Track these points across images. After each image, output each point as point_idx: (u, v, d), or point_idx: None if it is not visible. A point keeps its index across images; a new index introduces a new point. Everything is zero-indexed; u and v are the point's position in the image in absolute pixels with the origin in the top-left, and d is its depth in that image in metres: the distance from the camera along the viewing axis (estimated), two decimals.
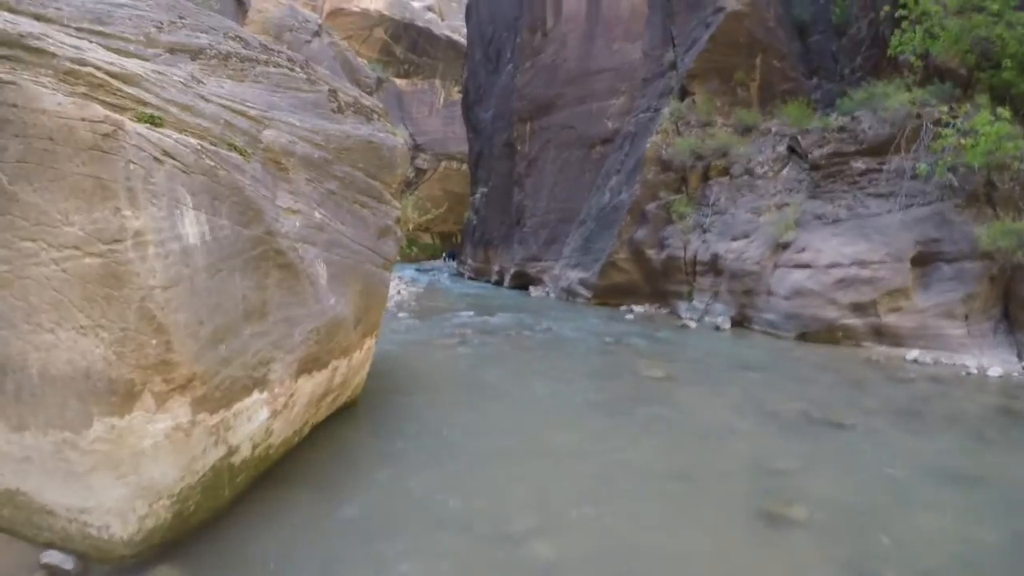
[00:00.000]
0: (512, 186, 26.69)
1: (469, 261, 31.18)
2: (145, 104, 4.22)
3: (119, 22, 5.22)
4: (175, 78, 4.78)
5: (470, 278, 29.72)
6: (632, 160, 18.87)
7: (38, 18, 4.62)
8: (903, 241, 11.60)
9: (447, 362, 9.23)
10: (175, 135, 4.15)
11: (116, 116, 3.70)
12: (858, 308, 11.60)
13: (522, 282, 23.46)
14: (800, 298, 12.32)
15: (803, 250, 12.77)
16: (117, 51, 4.88)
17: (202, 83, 5.15)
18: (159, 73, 4.68)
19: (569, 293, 19.45)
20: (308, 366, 4.80)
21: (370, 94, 49.41)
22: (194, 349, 3.74)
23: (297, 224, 4.88)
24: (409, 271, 36.33)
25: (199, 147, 4.21)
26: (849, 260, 11.90)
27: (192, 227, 3.91)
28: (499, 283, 25.64)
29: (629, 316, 15.41)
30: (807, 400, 7.55)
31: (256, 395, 4.30)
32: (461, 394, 7.61)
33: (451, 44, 51.83)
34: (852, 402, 7.55)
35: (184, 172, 3.98)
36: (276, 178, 5.04)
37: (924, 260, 11.43)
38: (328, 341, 5.01)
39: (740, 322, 13.79)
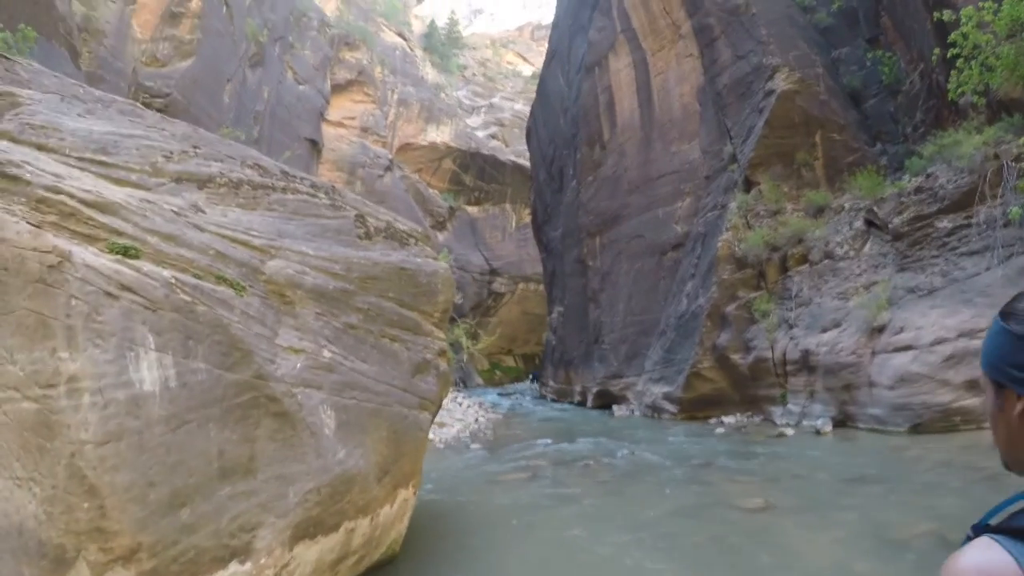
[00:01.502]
0: (587, 303, 26.14)
1: (551, 382, 30.26)
2: (120, 234, 3.86)
3: (124, 152, 5.06)
4: (166, 207, 4.48)
5: (553, 400, 28.67)
6: (705, 262, 18.00)
7: (40, 148, 4.48)
8: (1010, 298, 10.05)
9: (511, 503, 8.08)
10: (147, 267, 3.73)
11: (65, 246, 3.30)
12: (974, 386, 10.09)
13: (605, 401, 22.24)
14: (907, 385, 10.85)
15: (901, 330, 11.44)
16: (117, 181, 4.67)
17: (202, 212, 4.84)
18: (147, 202, 4.38)
19: (654, 409, 18.11)
20: (309, 531, 4.04)
21: (443, 223, 51.29)
22: (139, 515, 3.09)
23: (299, 365, 4.31)
24: (492, 396, 35.59)
25: (172, 280, 3.76)
26: (955, 332, 10.52)
27: (150, 372, 3.37)
28: (582, 403, 24.49)
29: (719, 430, 13.94)
30: (938, 516, 6.05)
31: (235, 567, 3.55)
32: (521, 544, 6.48)
33: (517, 168, 53.61)
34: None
35: (148, 308, 3.51)
36: (279, 313, 4.55)
37: None
38: (336, 501, 4.26)
39: (842, 422, 12.19)
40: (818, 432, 11.89)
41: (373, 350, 5.12)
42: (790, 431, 12.29)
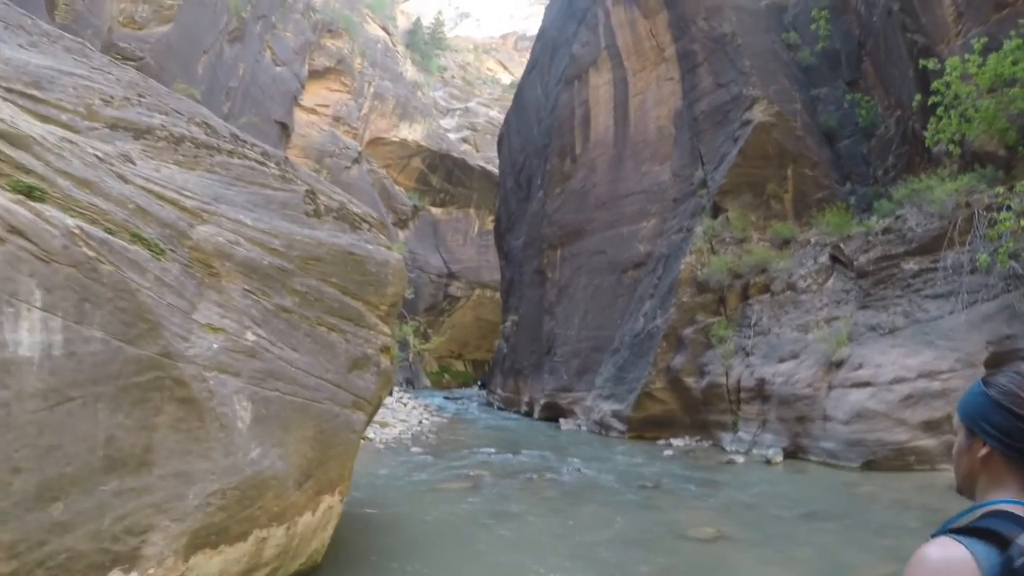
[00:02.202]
0: (543, 314, 25.81)
1: (499, 391, 29.82)
2: (28, 172, 3.29)
3: (59, 89, 4.49)
4: (89, 150, 3.90)
5: (499, 408, 28.25)
6: (666, 283, 17.83)
7: None
8: (972, 343, 10.25)
9: (448, 516, 7.51)
10: (50, 212, 3.17)
11: None
12: (931, 426, 10.02)
13: (552, 414, 21.89)
14: (862, 421, 10.74)
15: (860, 366, 11.35)
16: (44, 118, 4.10)
17: (131, 163, 4.28)
18: (68, 142, 3.80)
19: (602, 426, 17.79)
20: (210, 539, 3.48)
21: (406, 221, 50.49)
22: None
23: (215, 346, 3.75)
24: (438, 399, 34.96)
25: (76, 231, 3.20)
26: (915, 373, 10.45)
27: (31, 334, 2.81)
28: (529, 414, 24.10)
29: (668, 452, 13.67)
30: (900, 558, 5.76)
31: None
32: (455, 565, 5.92)
33: (485, 174, 53.28)
34: None
35: (40, 259, 2.95)
36: (201, 285, 4.00)
37: (999, 360, 9.84)
38: (245, 506, 3.69)
39: (794, 453, 12.03)
40: (768, 462, 11.69)
41: (307, 339, 4.58)
42: (740, 458, 12.07)
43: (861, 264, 13.05)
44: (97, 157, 3.94)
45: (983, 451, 1.23)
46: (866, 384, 10.98)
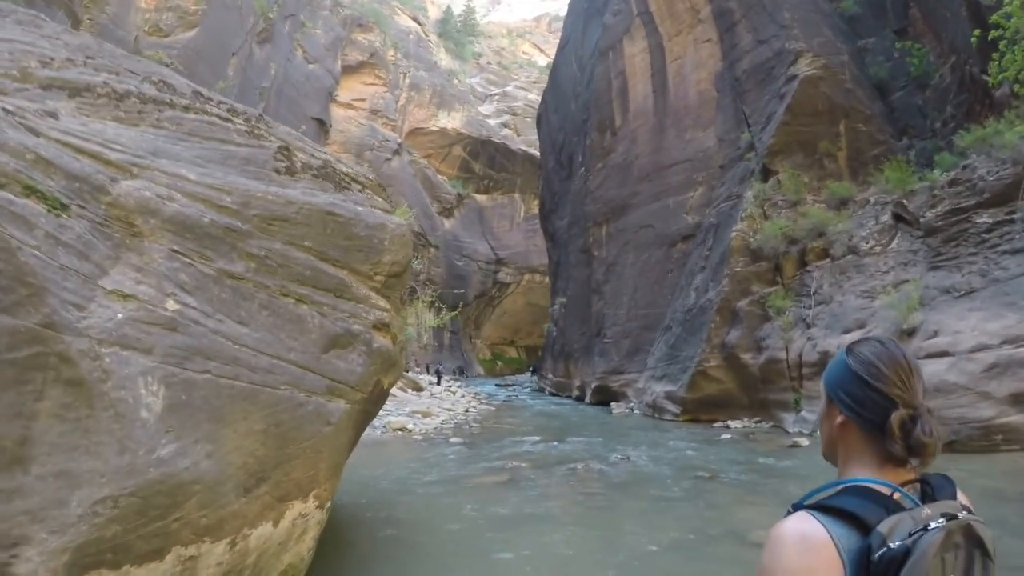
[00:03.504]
0: (591, 294, 25.09)
1: (549, 375, 29.26)
2: None
3: None
4: None
5: (551, 394, 27.70)
6: (717, 254, 16.86)
7: None
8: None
9: (477, 517, 6.81)
10: None
11: None
12: (1020, 400, 8.89)
13: (604, 397, 21.20)
14: (941, 396, 9.62)
15: (936, 334, 10.29)
16: None
17: (53, 118, 3.74)
18: None
19: (655, 409, 16.98)
20: (105, 557, 2.82)
21: (451, 210, 50.20)
22: None
23: (119, 316, 3.12)
24: (489, 386, 34.58)
25: None
26: (999, 339, 9.35)
27: None
28: (580, 398, 23.46)
29: (725, 435, 12.77)
30: (1004, 566, 4.82)
31: None
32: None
33: (528, 158, 52.53)
34: None
35: None
36: (119, 247, 3.37)
37: None
38: (152, 517, 2.96)
39: None
40: None
41: (263, 311, 3.90)
42: (805, 441, 11.11)
43: (928, 221, 11.87)
44: (5, 110, 3.40)
45: (839, 419, 1.22)
46: (943, 354, 9.91)
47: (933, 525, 0.99)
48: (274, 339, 3.87)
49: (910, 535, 0.99)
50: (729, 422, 14.22)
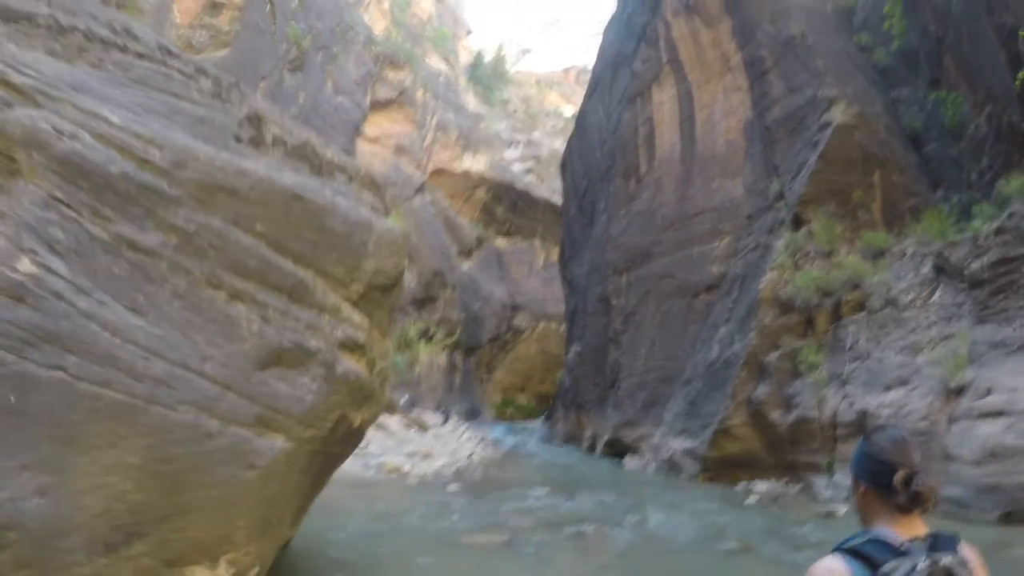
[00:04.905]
0: (607, 343, 24.27)
1: (560, 424, 28.28)
2: None
3: None
4: None
5: (561, 443, 26.57)
6: (743, 305, 16.03)
7: None
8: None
9: None
10: None
11: None
12: None
13: (616, 450, 20.18)
14: (997, 461, 8.76)
15: (989, 392, 9.44)
16: None
17: None
18: None
19: (672, 466, 15.92)
20: None
21: (470, 252, 49.89)
22: None
23: None
24: (498, 431, 33.50)
25: None
26: None
27: None
28: (591, 449, 22.46)
29: (751, 499, 11.71)
30: None
31: None
32: None
33: (549, 206, 52.34)
34: None
35: None
36: None
37: None
38: None
39: None
40: None
41: (175, 301, 3.08)
42: (840, 508, 10.04)
43: (973, 272, 11.09)
44: None
45: (862, 488, 1.71)
46: (999, 414, 9.01)
47: (920, 566, 1.40)
48: (183, 340, 3.01)
49: (905, 573, 1.40)
50: (754, 484, 13.13)
